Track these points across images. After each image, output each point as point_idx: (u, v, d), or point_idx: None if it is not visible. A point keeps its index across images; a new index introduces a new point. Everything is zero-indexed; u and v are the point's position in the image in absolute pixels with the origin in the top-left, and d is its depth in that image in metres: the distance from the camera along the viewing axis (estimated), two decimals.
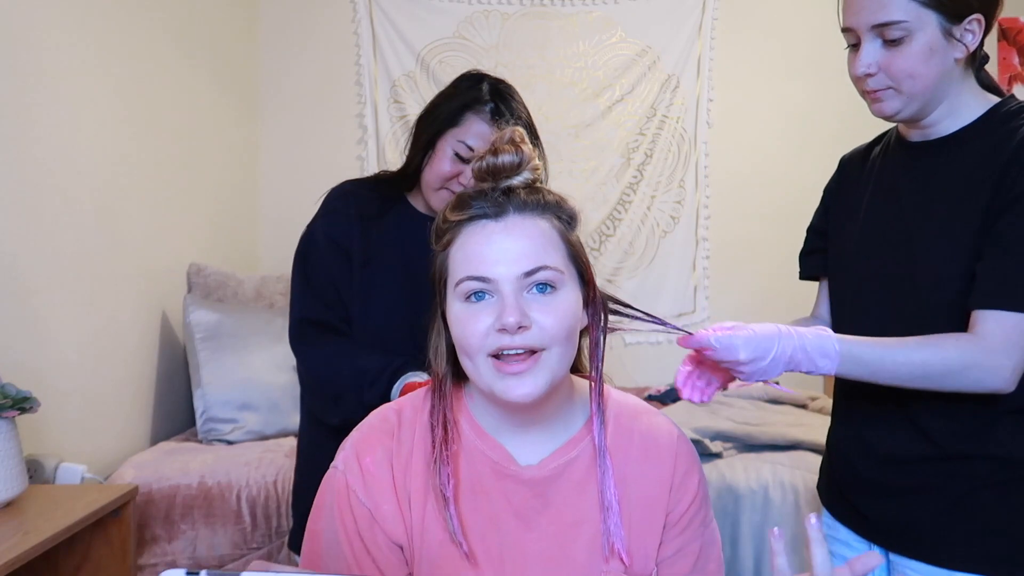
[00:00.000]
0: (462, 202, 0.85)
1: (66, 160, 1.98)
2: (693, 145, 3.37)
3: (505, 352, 0.80)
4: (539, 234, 0.83)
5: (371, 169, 3.25)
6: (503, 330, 0.79)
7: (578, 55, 3.32)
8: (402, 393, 1.24)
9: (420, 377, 1.26)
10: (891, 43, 1.04)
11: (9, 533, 1.39)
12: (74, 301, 2.00)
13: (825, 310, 1.30)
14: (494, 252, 0.81)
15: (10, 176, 1.77)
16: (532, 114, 1.41)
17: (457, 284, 0.82)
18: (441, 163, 1.35)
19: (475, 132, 1.33)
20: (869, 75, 1.07)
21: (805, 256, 1.35)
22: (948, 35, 1.03)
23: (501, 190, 0.84)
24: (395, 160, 3.19)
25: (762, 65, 3.36)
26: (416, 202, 1.46)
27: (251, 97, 3.23)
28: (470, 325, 0.81)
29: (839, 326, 1.23)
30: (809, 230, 1.35)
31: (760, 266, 3.33)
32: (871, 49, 1.06)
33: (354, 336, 1.41)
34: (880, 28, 1.04)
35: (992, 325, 1.00)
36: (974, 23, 1.04)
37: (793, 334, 0.99)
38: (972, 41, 1.05)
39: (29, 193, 1.83)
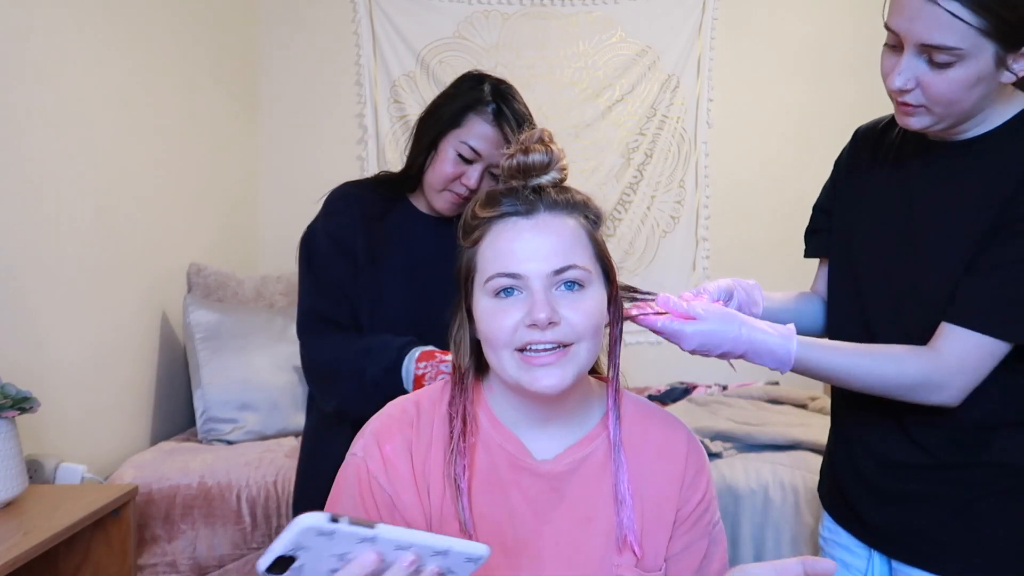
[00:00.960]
0: (492, 199, 0.86)
1: (66, 160, 1.97)
2: (693, 145, 3.37)
3: (532, 347, 0.81)
4: (568, 232, 0.84)
5: (371, 169, 3.25)
6: (533, 325, 0.80)
7: (578, 55, 3.32)
8: (419, 359, 1.23)
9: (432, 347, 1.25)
10: (936, 64, 0.95)
11: (9, 533, 1.39)
12: (74, 301, 2.00)
13: (824, 288, 1.26)
14: (525, 249, 0.82)
15: (9, 176, 1.77)
16: (532, 114, 1.40)
17: (487, 280, 0.83)
18: (444, 164, 1.34)
19: (477, 133, 1.33)
20: (905, 90, 0.99)
21: (810, 234, 1.30)
22: (1000, 64, 0.94)
23: (531, 188, 0.85)
24: (395, 160, 3.20)
25: (762, 65, 3.35)
26: (418, 203, 1.46)
27: (251, 97, 3.22)
28: (498, 320, 0.82)
29: (835, 316, 1.21)
30: (815, 208, 1.30)
31: (760, 266, 3.32)
32: (913, 64, 0.96)
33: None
34: (929, 48, 0.94)
35: (953, 342, 0.99)
36: None
37: (746, 337, 0.97)
38: (1022, 69, 0.96)
39: (29, 193, 1.83)
